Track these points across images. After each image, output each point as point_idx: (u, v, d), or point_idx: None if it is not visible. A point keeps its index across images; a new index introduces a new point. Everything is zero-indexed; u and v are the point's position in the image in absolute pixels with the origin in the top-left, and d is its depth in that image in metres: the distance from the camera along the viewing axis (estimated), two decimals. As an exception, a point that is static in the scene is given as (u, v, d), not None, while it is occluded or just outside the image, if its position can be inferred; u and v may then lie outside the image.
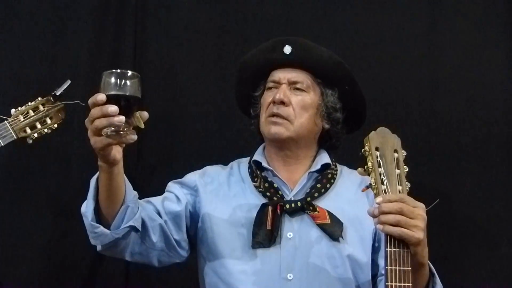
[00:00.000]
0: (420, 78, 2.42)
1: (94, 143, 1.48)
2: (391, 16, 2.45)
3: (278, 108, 1.85)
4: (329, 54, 1.91)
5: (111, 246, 1.69)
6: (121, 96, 1.43)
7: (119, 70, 1.45)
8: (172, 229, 1.82)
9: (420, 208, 1.51)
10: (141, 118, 1.47)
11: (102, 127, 1.43)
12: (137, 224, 1.69)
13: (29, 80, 2.40)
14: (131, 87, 1.44)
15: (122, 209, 1.64)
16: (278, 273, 1.76)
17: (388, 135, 1.58)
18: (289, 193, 1.86)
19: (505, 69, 2.39)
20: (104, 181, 1.59)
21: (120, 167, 1.58)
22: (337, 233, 1.79)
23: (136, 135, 1.46)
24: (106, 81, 1.44)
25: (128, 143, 1.47)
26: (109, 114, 1.41)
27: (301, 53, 1.88)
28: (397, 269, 1.47)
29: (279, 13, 2.47)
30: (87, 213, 1.64)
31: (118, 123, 1.41)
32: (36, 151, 2.29)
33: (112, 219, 1.65)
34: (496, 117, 2.37)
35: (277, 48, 1.89)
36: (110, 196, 1.62)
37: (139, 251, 1.76)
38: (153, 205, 1.82)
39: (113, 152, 1.51)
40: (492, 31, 2.41)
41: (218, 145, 2.40)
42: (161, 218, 1.81)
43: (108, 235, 1.65)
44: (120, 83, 1.43)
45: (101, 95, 1.42)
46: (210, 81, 2.45)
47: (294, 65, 1.89)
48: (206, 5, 2.50)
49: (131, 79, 1.44)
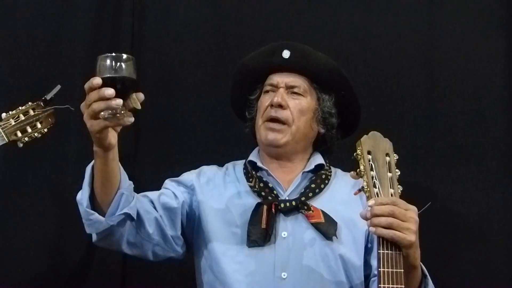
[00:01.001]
0: (417, 80, 2.42)
1: (90, 126, 1.48)
2: (389, 18, 2.44)
3: (276, 111, 1.87)
4: (327, 60, 1.94)
5: (106, 235, 1.70)
6: (117, 79, 1.44)
7: (114, 53, 1.46)
8: (167, 224, 1.84)
9: (412, 211, 1.52)
10: (137, 99, 1.48)
11: (99, 110, 1.44)
12: (132, 212, 1.69)
13: (24, 81, 2.40)
14: (126, 70, 1.45)
15: (117, 196, 1.65)
16: (272, 272, 1.78)
17: (380, 139, 1.59)
18: (283, 192, 1.88)
19: (503, 70, 2.38)
20: (99, 167, 1.60)
21: (115, 152, 1.59)
22: (331, 232, 1.80)
23: (133, 117, 1.47)
24: (102, 64, 1.45)
25: (125, 124, 1.48)
26: (106, 97, 1.42)
27: (299, 58, 1.91)
28: (389, 271, 1.48)
29: (278, 14, 2.47)
30: (82, 200, 1.64)
31: (115, 105, 1.42)
32: (36, 152, 2.30)
33: (107, 207, 1.65)
34: (493, 118, 2.36)
35: (276, 52, 1.92)
36: (105, 182, 1.62)
37: (134, 241, 1.77)
38: (149, 198, 1.83)
39: (109, 136, 1.52)
40: (490, 32, 2.40)
41: (216, 146, 2.40)
42: (157, 212, 1.82)
43: (103, 222, 1.65)
44: (115, 66, 1.44)
45: (97, 79, 1.43)
46: (208, 82, 2.45)
47: (292, 70, 1.91)
48: (205, 5, 2.49)
49: (126, 61, 1.45)
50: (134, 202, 1.70)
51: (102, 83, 1.43)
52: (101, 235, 1.69)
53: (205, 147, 2.40)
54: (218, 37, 2.47)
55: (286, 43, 1.94)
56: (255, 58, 1.98)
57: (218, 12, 2.48)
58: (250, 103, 1.99)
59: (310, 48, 1.95)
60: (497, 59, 2.39)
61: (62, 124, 2.15)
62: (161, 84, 2.46)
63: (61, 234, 2.37)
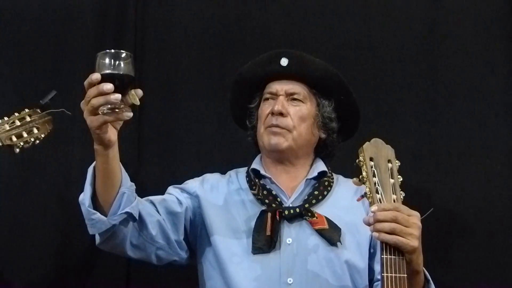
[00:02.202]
0: (419, 84, 2.44)
1: (90, 123, 1.51)
2: (390, 20, 2.46)
3: (277, 119, 1.89)
4: (325, 65, 1.96)
5: (109, 237, 1.70)
6: (115, 75, 1.47)
7: (113, 50, 1.49)
8: (169, 228, 1.84)
9: (415, 217, 1.54)
10: (136, 95, 1.51)
11: (98, 105, 1.47)
12: (134, 212, 1.70)
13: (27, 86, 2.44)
14: (125, 67, 1.48)
15: (119, 195, 1.66)
16: (278, 277, 1.79)
17: (382, 146, 1.61)
18: (287, 200, 1.89)
19: (505, 72, 2.40)
20: (100, 165, 1.62)
21: (115, 151, 1.61)
22: (335, 238, 1.82)
23: (131, 112, 1.50)
24: (101, 62, 1.48)
25: (125, 119, 1.51)
26: (105, 92, 1.45)
27: (297, 65, 1.92)
28: (393, 276, 1.50)
29: (280, 19, 2.49)
30: (84, 200, 1.65)
31: (114, 100, 1.45)
32: (41, 155, 2.33)
33: (109, 207, 1.66)
34: (495, 120, 2.38)
35: (274, 60, 1.93)
36: (106, 181, 1.64)
37: (137, 243, 1.78)
38: (152, 202, 1.84)
39: (109, 133, 1.55)
40: (492, 34, 2.41)
41: (219, 150, 2.42)
42: (160, 215, 1.83)
43: (105, 221, 1.66)
44: (114, 63, 1.48)
45: (96, 74, 1.47)
46: (210, 87, 2.46)
47: (291, 77, 1.93)
48: (207, 9, 2.51)
49: (124, 59, 1.48)
50: (136, 203, 1.71)
51: (101, 79, 1.46)
52: (104, 236, 1.70)
53: (209, 152, 2.42)
54: (222, 40, 2.49)
55: (284, 51, 1.95)
56: (252, 67, 1.99)
57: (221, 18, 2.50)
58: (250, 111, 2.01)
59: (308, 55, 1.97)
60: (499, 60, 2.40)
61: (66, 128, 2.19)
62: (165, 88, 2.48)
63: (65, 236, 2.38)
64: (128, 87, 1.50)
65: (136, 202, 1.71)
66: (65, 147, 2.40)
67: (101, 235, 1.70)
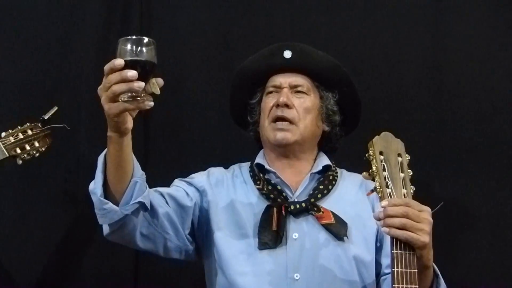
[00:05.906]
0: (425, 80, 2.44)
1: (108, 109, 1.45)
2: (395, 19, 2.46)
3: (283, 111, 1.87)
4: (327, 57, 1.95)
5: (119, 227, 1.66)
6: (138, 62, 1.41)
7: (135, 36, 1.43)
8: (178, 221, 1.82)
9: (425, 212, 1.53)
10: (157, 84, 1.45)
11: (120, 92, 1.41)
12: (146, 201, 1.66)
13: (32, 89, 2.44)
14: (147, 53, 1.41)
15: (131, 184, 1.61)
16: (285, 273, 1.78)
17: (392, 140, 1.60)
18: (292, 194, 1.88)
19: (510, 71, 2.40)
20: (113, 153, 1.56)
21: (129, 138, 1.56)
22: (342, 233, 1.81)
23: (152, 102, 1.44)
24: (122, 48, 1.41)
25: (145, 108, 1.44)
26: (128, 79, 1.39)
27: (300, 57, 1.91)
28: (403, 271, 1.49)
29: (285, 17, 2.49)
30: (95, 189, 1.60)
31: (137, 88, 1.40)
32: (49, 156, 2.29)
33: (121, 196, 1.61)
34: (503, 116, 2.38)
35: (277, 53, 1.92)
36: (119, 169, 1.59)
37: (146, 233, 1.74)
38: (161, 194, 1.81)
39: (127, 120, 1.50)
40: (497, 32, 2.41)
41: (225, 146, 2.42)
42: (169, 206, 1.80)
43: (117, 211, 1.61)
44: (136, 50, 1.41)
45: (119, 60, 1.40)
46: (215, 84, 2.46)
47: (294, 70, 1.91)
48: (211, 8, 2.50)
49: (147, 45, 1.42)
50: (147, 192, 1.67)
51: (124, 65, 1.40)
52: (114, 226, 1.65)
53: (214, 147, 2.42)
54: (227, 39, 2.49)
55: (286, 44, 1.94)
56: (255, 61, 1.98)
57: (226, 15, 2.50)
58: (251, 107, 1.99)
59: (310, 47, 1.96)
60: (505, 58, 2.40)
61: (73, 128, 2.19)
62: (171, 83, 2.41)
63: (72, 236, 2.38)
64: (150, 74, 1.43)
65: (147, 191, 1.67)
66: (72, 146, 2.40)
67: (111, 225, 1.65)
